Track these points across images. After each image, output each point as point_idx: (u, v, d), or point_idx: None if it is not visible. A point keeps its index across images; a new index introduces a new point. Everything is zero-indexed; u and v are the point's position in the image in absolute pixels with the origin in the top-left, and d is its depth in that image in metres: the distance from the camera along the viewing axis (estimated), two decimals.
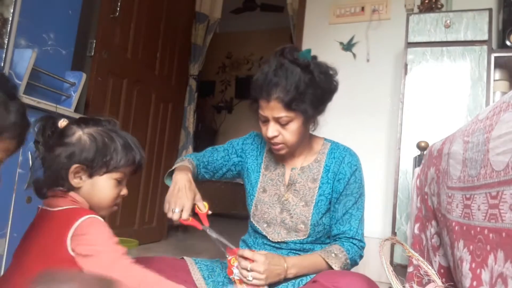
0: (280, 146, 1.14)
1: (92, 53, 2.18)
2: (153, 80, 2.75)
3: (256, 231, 1.24)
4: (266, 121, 1.12)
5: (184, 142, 3.31)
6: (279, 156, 1.25)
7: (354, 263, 1.16)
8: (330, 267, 1.10)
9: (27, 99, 1.60)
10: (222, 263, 1.19)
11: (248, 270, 1.00)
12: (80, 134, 0.86)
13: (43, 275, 0.66)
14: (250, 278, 1.00)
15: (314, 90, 1.10)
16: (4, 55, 1.58)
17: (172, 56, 2.94)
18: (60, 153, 0.84)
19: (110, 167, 0.86)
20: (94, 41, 2.19)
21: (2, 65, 1.58)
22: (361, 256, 1.18)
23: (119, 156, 0.87)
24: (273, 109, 1.08)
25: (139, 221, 2.68)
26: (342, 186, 1.17)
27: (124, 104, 2.46)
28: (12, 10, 1.61)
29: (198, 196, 1.12)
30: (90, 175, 0.86)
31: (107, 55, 2.27)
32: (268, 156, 1.29)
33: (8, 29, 1.61)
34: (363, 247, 1.18)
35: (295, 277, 1.10)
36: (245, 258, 1.02)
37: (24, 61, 1.64)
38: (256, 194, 1.25)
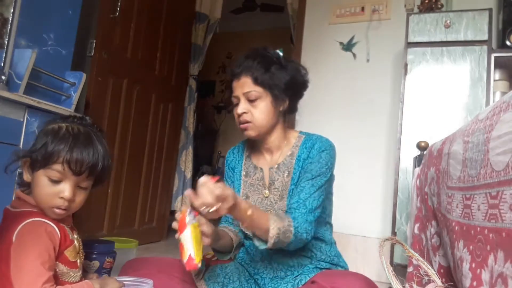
0: (248, 125, 1.16)
1: (92, 53, 2.18)
2: (153, 80, 2.75)
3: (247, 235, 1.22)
4: (237, 103, 1.17)
5: (184, 142, 3.31)
6: (259, 149, 1.26)
7: (299, 236, 1.05)
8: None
9: (27, 99, 1.60)
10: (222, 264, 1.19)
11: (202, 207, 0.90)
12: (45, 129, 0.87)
13: None
14: (208, 210, 0.90)
15: (283, 75, 1.17)
16: (4, 55, 1.58)
17: (172, 56, 2.94)
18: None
19: (43, 162, 0.82)
20: (94, 41, 2.19)
21: (2, 65, 1.58)
22: (307, 231, 1.06)
23: (48, 150, 0.82)
24: (243, 85, 1.15)
25: (139, 221, 2.68)
26: (305, 166, 1.17)
27: (124, 104, 2.46)
28: (12, 10, 1.61)
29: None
30: (32, 170, 0.85)
31: (107, 55, 2.27)
32: (247, 163, 1.30)
33: (8, 29, 1.61)
34: (308, 221, 1.07)
35: (290, 276, 1.09)
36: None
37: (24, 61, 1.64)
38: None
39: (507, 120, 0.66)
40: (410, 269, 1.33)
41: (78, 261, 0.89)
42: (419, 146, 1.75)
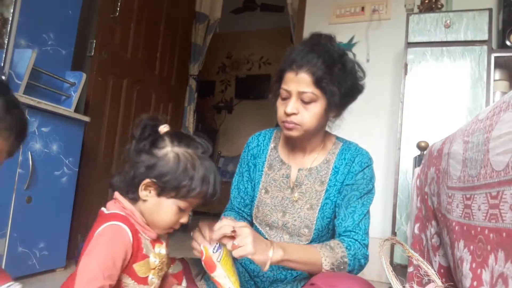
0: (293, 125, 1.05)
1: (92, 53, 2.18)
2: (153, 80, 2.75)
3: (259, 233, 1.18)
4: (286, 98, 1.05)
5: None
6: (292, 145, 1.16)
7: (358, 263, 1.05)
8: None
9: (27, 99, 1.60)
10: None
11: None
12: (168, 150, 0.83)
13: None
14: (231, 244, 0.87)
15: (344, 80, 1.05)
16: (4, 55, 1.58)
17: (172, 56, 2.94)
18: (143, 161, 0.82)
19: (180, 194, 0.82)
20: (94, 41, 2.19)
21: (2, 65, 1.58)
22: (365, 256, 1.07)
23: (193, 187, 0.82)
24: (301, 82, 1.02)
25: None
26: (348, 182, 1.12)
27: (124, 104, 2.46)
28: (12, 10, 1.61)
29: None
30: (158, 194, 0.83)
31: (107, 55, 2.27)
32: (272, 155, 1.21)
33: (8, 29, 1.61)
34: (365, 245, 1.08)
35: (294, 279, 1.08)
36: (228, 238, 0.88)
37: (24, 61, 1.64)
38: (258, 195, 1.19)
39: (507, 120, 0.66)
40: (410, 269, 1.33)
41: (152, 277, 0.86)
42: (419, 146, 1.75)
